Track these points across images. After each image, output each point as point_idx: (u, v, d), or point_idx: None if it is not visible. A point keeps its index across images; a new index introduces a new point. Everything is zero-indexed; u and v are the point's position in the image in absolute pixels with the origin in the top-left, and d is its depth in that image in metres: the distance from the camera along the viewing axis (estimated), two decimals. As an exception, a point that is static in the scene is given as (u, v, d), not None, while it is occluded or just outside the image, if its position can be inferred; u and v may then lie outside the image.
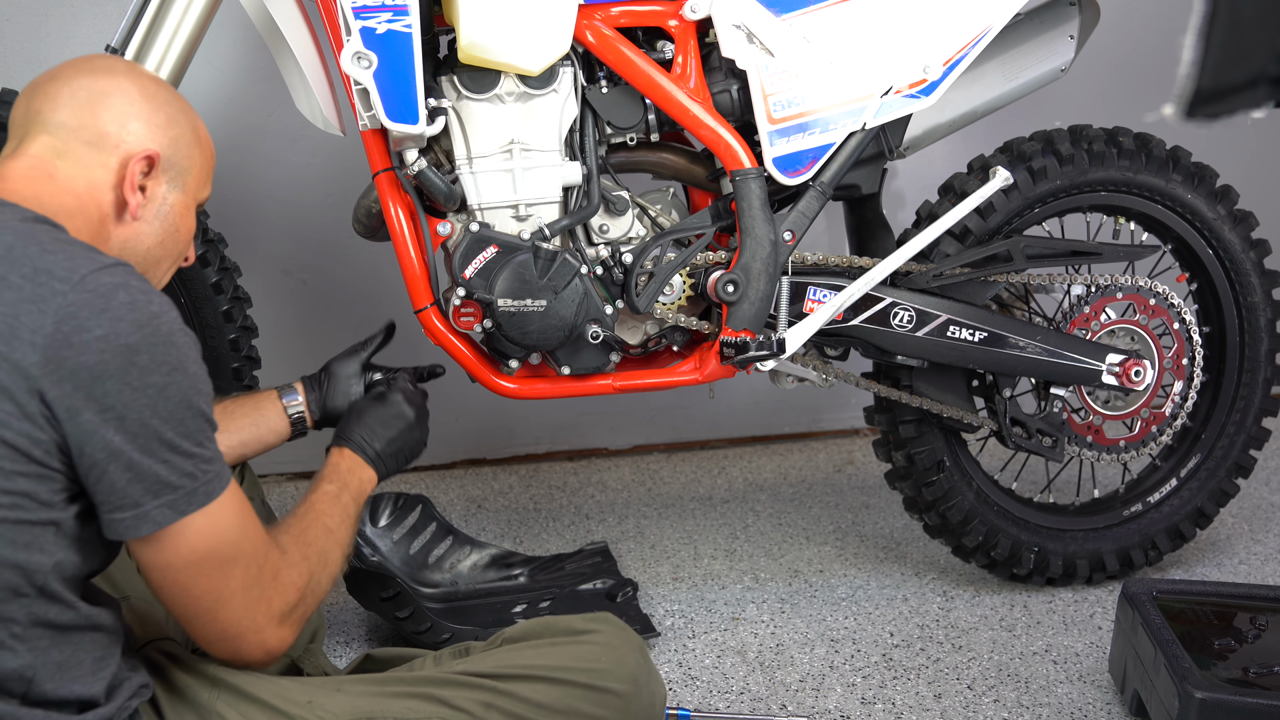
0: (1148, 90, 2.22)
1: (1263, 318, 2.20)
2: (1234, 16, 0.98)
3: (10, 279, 1.12)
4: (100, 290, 1.13)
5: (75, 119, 1.28)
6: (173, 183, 1.35)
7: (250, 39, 2.47)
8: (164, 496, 1.16)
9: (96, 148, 1.28)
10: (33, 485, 1.12)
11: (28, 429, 1.11)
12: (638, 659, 1.47)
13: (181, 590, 1.21)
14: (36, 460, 1.12)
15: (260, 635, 1.27)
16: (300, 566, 1.33)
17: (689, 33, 1.92)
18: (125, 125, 1.30)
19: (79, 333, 1.11)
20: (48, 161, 1.26)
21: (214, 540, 1.20)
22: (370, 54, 1.73)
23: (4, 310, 1.11)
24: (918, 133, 2.07)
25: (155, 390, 1.14)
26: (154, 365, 1.14)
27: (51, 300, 1.11)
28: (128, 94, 1.31)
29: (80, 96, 1.29)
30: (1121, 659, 1.86)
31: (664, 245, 1.96)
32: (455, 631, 1.97)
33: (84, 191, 1.27)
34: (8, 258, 1.13)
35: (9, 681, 1.13)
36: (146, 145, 1.31)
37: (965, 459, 2.18)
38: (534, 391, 1.99)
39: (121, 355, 1.12)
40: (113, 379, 1.12)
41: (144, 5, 1.83)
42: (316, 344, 2.72)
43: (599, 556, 2.29)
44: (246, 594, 1.24)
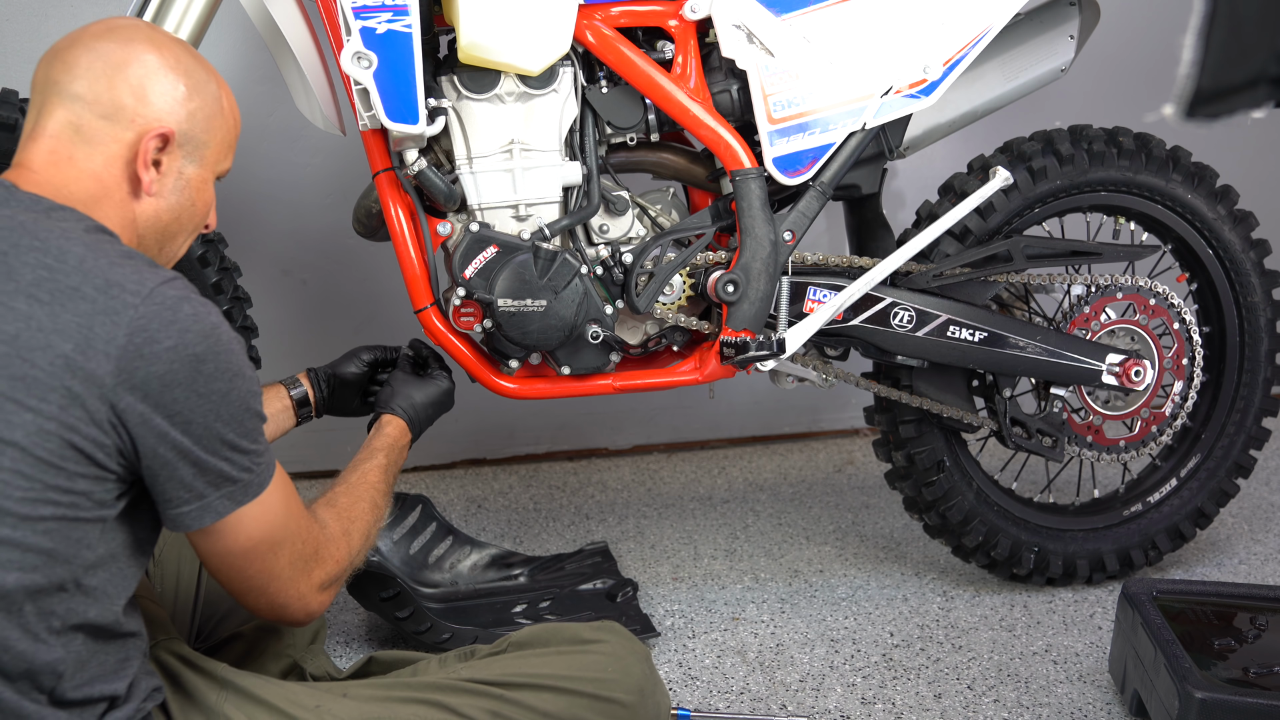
0: (1148, 90, 2.22)
1: (1263, 318, 2.20)
2: (1234, 16, 0.98)
3: (84, 290, 1.16)
4: (167, 303, 1.18)
5: (91, 90, 1.27)
6: (190, 156, 1.34)
7: (250, 39, 2.47)
8: (224, 489, 1.23)
9: (112, 120, 1.28)
10: (91, 485, 1.17)
11: (95, 434, 1.15)
12: (644, 669, 1.47)
13: (238, 572, 1.29)
14: (98, 463, 1.16)
15: (304, 602, 1.36)
16: (340, 542, 1.41)
17: (689, 33, 1.92)
18: (142, 97, 1.29)
19: (150, 344, 1.16)
20: (66, 143, 1.27)
21: (267, 526, 1.28)
22: (370, 54, 1.73)
23: (80, 321, 1.15)
24: (918, 133, 2.07)
25: (219, 396, 1.21)
26: (218, 373, 1.20)
27: (124, 313, 1.16)
28: (146, 64, 1.30)
29: (97, 67, 1.28)
30: (1121, 659, 1.86)
31: (664, 245, 1.96)
32: (455, 631, 1.97)
33: (102, 169, 1.27)
34: (80, 269, 1.17)
35: (41, 675, 1.16)
36: (163, 120, 1.30)
37: (965, 459, 2.18)
38: (534, 391, 1.99)
39: (189, 365, 1.18)
40: (181, 387, 1.18)
41: (144, 5, 1.83)
42: (316, 344, 2.72)
43: (599, 556, 2.29)
44: (293, 569, 1.33)
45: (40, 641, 1.15)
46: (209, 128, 1.35)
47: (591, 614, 2.09)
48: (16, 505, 1.13)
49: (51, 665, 1.16)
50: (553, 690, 1.41)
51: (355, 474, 1.58)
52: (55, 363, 1.14)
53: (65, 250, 1.18)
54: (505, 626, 2.03)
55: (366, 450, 1.65)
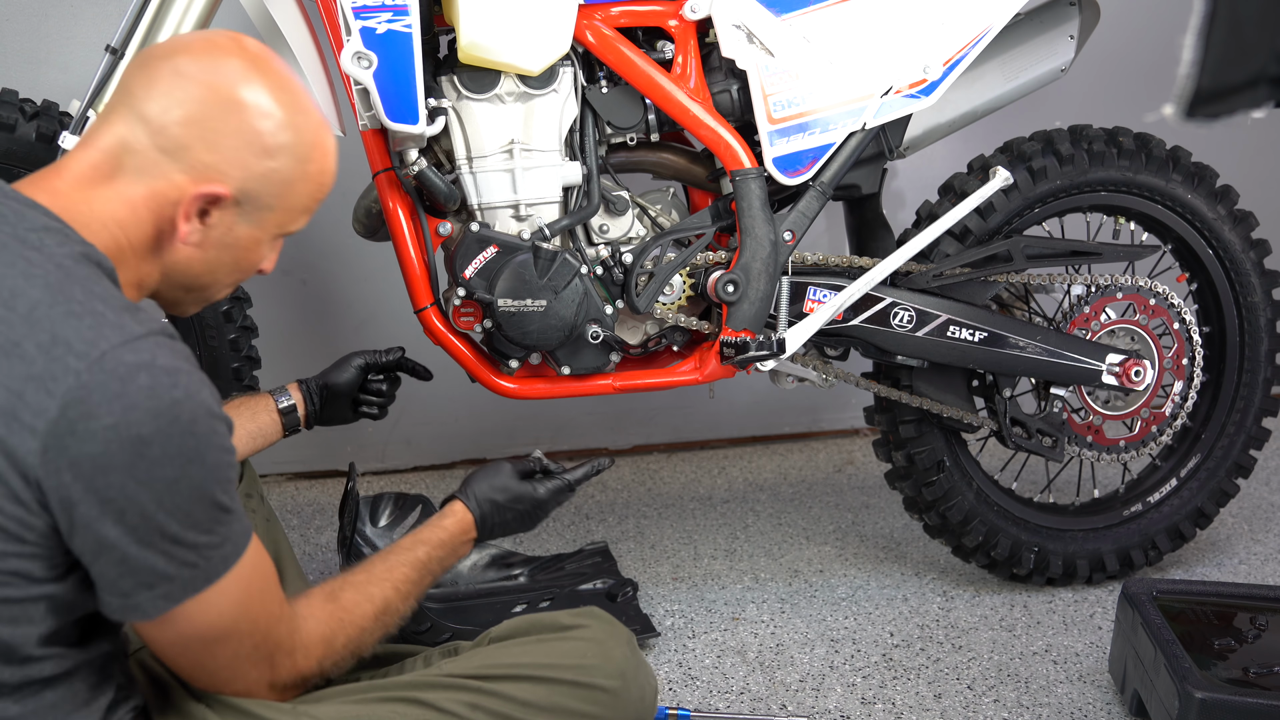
0: (1148, 90, 2.22)
1: (1263, 318, 2.20)
2: (1234, 16, 0.98)
3: (25, 348, 1.02)
4: (118, 372, 1.02)
5: (161, 116, 1.14)
6: (246, 217, 1.19)
7: (250, 39, 2.47)
8: (158, 588, 1.08)
9: (170, 157, 1.14)
10: (25, 564, 1.04)
11: (20, 514, 1.03)
12: (625, 653, 1.43)
13: (165, 656, 1.17)
14: (29, 543, 1.04)
15: (249, 693, 1.21)
16: (314, 649, 1.25)
17: (689, 33, 1.92)
18: (213, 144, 1.14)
19: (86, 419, 1.01)
20: (115, 159, 1.14)
21: (205, 624, 1.12)
22: (370, 54, 1.73)
23: (10, 385, 1.01)
24: (918, 133, 2.07)
25: (164, 484, 1.04)
26: (166, 458, 1.04)
27: (62, 380, 1.01)
28: (233, 106, 1.15)
29: (177, 93, 1.14)
30: (1121, 659, 1.86)
31: (664, 245, 1.96)
32: (455, 631, 1.97)
33: (140, 201, 1.15)
34: (28, 319, 1.03)
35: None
36: (225, 177, 1.16)
37: (965, 459, 2.18)
38: (534, 391, 1.99)
39: (130, 447, 1.02)
40: (117, 471, 1.02)
41: (144, 5, 1.83)
42: (316, 344, 2.72)
43: (599, 556, 2.29)
44: (232, 667, 1.18)
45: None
46: (281, 193, 1.20)
47: None
48: None
49: None
50: (532, 680, 1.35)
51: (384, 565, 1.38)
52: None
53: (19, 292, 1.04)
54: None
55: (413, 537, 1.45)
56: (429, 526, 1.49)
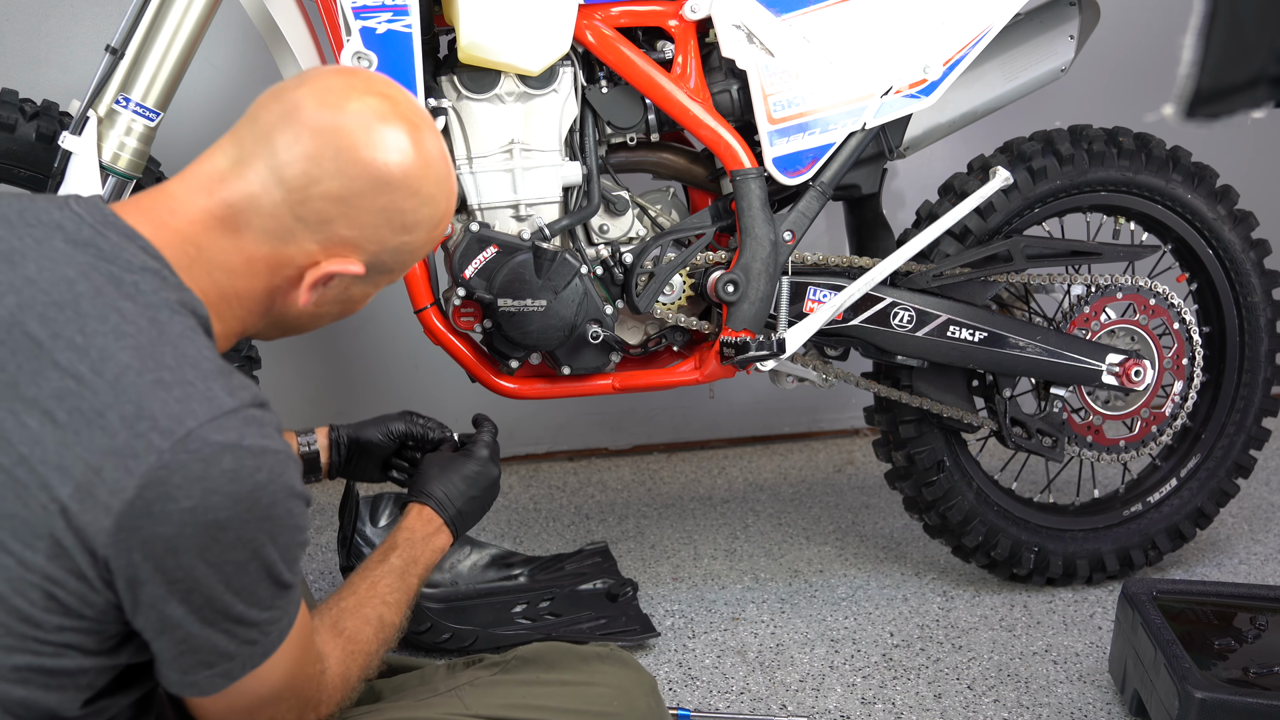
0: (1148, 90, 2.21)
1: (1263, 318, 2.20)
2: (1234, 16, 0.98)
3: (108, 418, 0.97)
4: (203, 453, 0.97)
5: (302, 179, 1.08)
6: (367, 281, 1.17)
7: (250, 39, 2.47)
8: (218, 667, 1.05)
9: (305, 225, 1.09)
10: (80, 638, 1.01)
11: (82, 590, 0.99)
12: (649, 703, 1.43)
13: None
14: (87, 618, 1.01)
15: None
16: (335, 690, 1.22)
17: (689, 33, 1.92)
18: (353, 222, 1.09)
19: (164, 501, 0.96)
20: (239, 215, 1.08)
21: (256, 695, 1.10)
22: (370, 54, 1.73)
23: (89, 460, 0.96)
24: (918, 133, 2.07)
25: (234, 566, 1.01)
26: (240, 542, 1.00)
27: (144, 458, 0.96)
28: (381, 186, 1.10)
29: (326, 157, 1.08)
30: (1121, 659, 1.86)
31: (664, 245, 1.96)
32: (455, 631, 1.97)
33: (261, 259, 1.09)
34: (114, 386, 0.97)
35: None
36: (360, 253, 1.12)
37: (965, 459, 2.18)
38: (534, 391, 1.99)
39: (205, 531, 0.98)
40: (188, 554, 0.98)
41: (144, 5, 1.83)
42: (316, 344, 2.72)
43: (599, 556, 2.29)
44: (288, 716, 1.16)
45: None
46: (406, 261, 1.17)
47: (592, 614, 2.09)
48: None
49: None
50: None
51: (366, 583, 1.34)
52: (49, 507, 0.96)
53: (108, 355, 0.98)
54: (505, 626, 2.03)
55: (381, 549, 1.41)
56: (397, 530, 1.44)
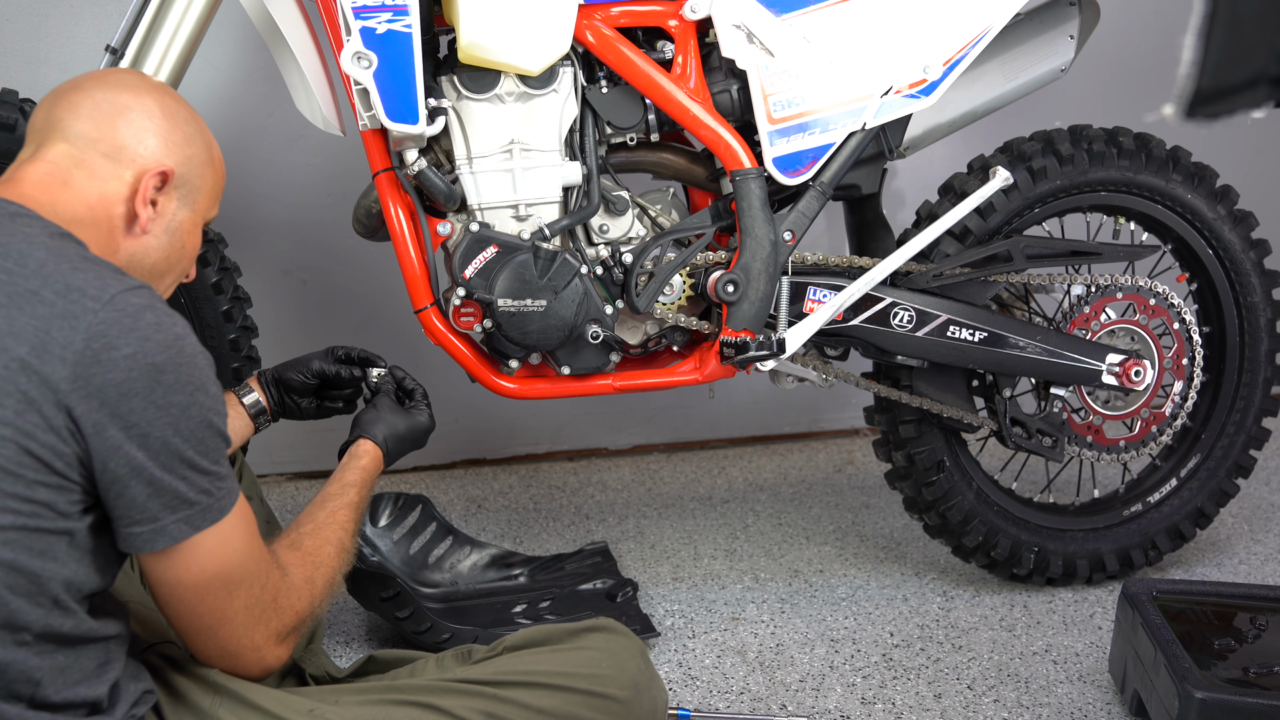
0: (1148, 90, 2.22)
1: (1263, 318, 2.20)
2: (1234, 16, 0.98)
3: (43, 294, 1.15)
4: (129, 310, 1.16)
5: (94, 130, 1.30)
6: (184, 200, 1.37)
7: (250, 39, 2.47)
8: (181, 512, 1.20)
9: (113, 160, 1.30)
10: (52, 495, 1.15)
11: (53, 441, 1.13)
12: (639, 664, 1.47)
13: (187, 608, 1.25)
14: (58, 472, 1.14)
15: (258, 653, 1.31)
16: (302, 590, 1.36)
17: (689, 33, 1.92)
18: (143, 140, 1.32)
19: (108, 350, 1.14)
20: (64, 169, 1.28)
21: (223, 559, 1.24)
22: (370, 54, 1.73)
23: (37, 325, 1.14)
24: (918, 133, 2.07)
25: (178, 410, 1.18)
26: (178, 385, 1.18)
27: (83, 318, 1.14)
28: (148, 110, 1.34)
29: (102, 109, 1.31)
30: (1121, 659, 1.86)
31: (664, 245, 1.96)
32: (455, 632, 1.97)
33: (96, 202, 1.29)
34: (40, 273, 1.16)
35: (17, 683, 1.15)
36: (162, 161, 1.33)
37: (965, 459, 2.18)
38: (534, 391, 1.99)
39: (148, 374, 1.16)
40: (138, 397, 1.15)
41: (144, 5, 1.83)
42: (316, 344, 2.71)
43: (599, 556, 2.29)
44: (248, 614, 1.28)
45: (13, 651, 1.14)
46: (202, 174, 1.38)
47: (591, 614, 2.09)
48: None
49: (26, 674, 1.15)
50: (547, 688, 1.39)
51: (323, 512, 1.49)
52: (10, 366, 1.13)
53: (26, 254, 1.18)
54: (505, 626, 2.03)
55: (338, 483, 1.55)
56: (350, 470, 1.58)
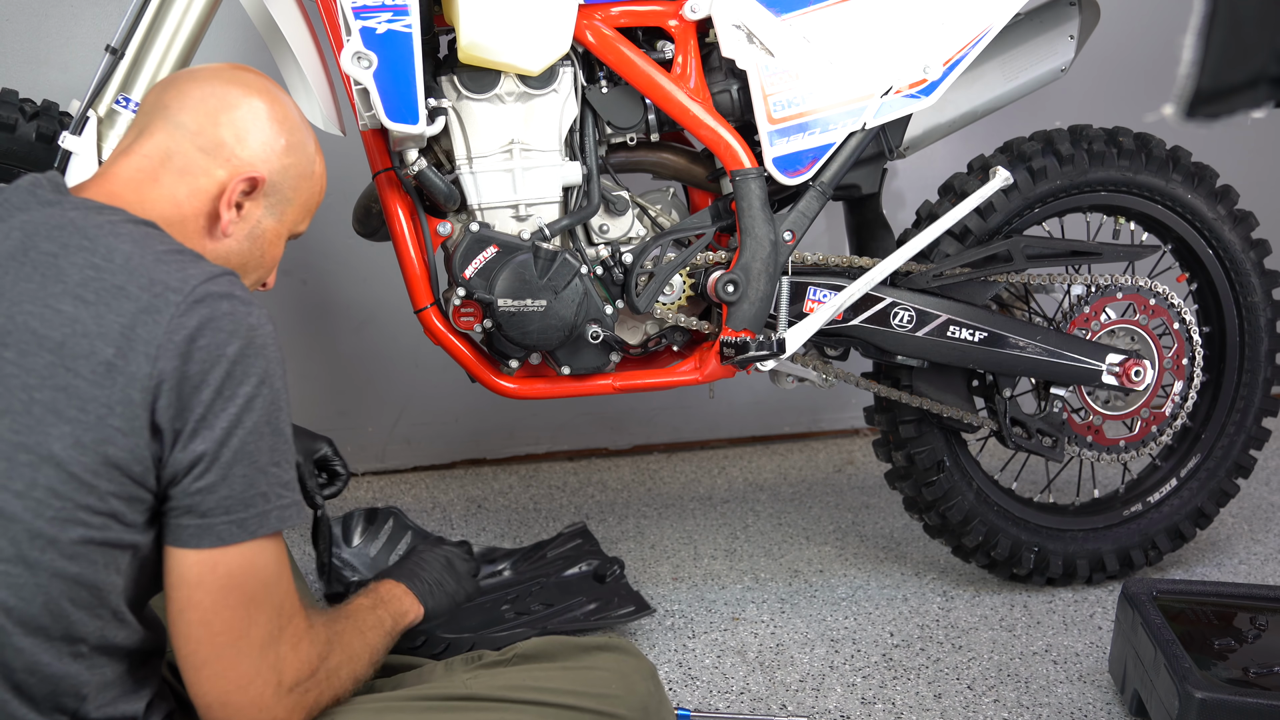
0: (1148, 90, 2.22)
1: (1263, 318, 2.20)
2: (1234, 16, 0.98)
3: (129, 289, 1.15)
4: (208, 301, 1.16)
5: (196, 122, 1.29)
6: (271, 209, 1.35)
7: (250, 39, 2.47)
8: (235, 514, 1.16)
9: (208, 155, 1.29)
10: (123, 506, 1.13)
11: (132, 445, 1.12)
12: (649, 687, 1.45)
13: (203, 617, 1.17)
14: (134, 478, 1.13)
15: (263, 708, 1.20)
16: (323, 646, 1.27)
17: (689, 33, 1.92)
18: (243, 141, 1.30)
19: (187, 343, 1.14)
20: (157, 163, 1.27)
21: (255, 574, 1.18)
22: (370, 54, 1.73)
23: (123, 322, 1.13)
24: (918, 133, 2.07)
25: (243, 401, 1.16)
26: (245, 376, 1.16)
27: (165, 311, 1.14)
28: (256, 111, 1.32)
29: (210, 103, 1.30)
30: (1121, 659, 1.86)
31: (664, 245, 1.96)
32: (451, 641, 1.94)
33: (184, 199, 1.28)
34: (126, 267, 1.16)
35: (65, 697, 1.14)
36: (256, 166, 1.31)
37: (965, 459, 2.18)
38: (534, 391, 1.99)
39: (220, 366, 1.15)
40: (209, 388, 1.14)
41: (144, 5, 1.83)
42: (316, 344, 2.72)
43: (579, 538, 2.28)
44: (263, 650, 1.19)
45: (68, 664, 1.13)
46: (297, 186, 1.36)
47: (584, 600, 2.09)
48: (47, 526, 1.10)
49: (76, 688, 1.14)
50: (556, 706, 1.37)
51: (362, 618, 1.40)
52: (97, 370, 1.12)
53: (113, 248, 1.17)
54: (499, 626, 2.02)
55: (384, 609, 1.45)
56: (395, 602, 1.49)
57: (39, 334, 1.13)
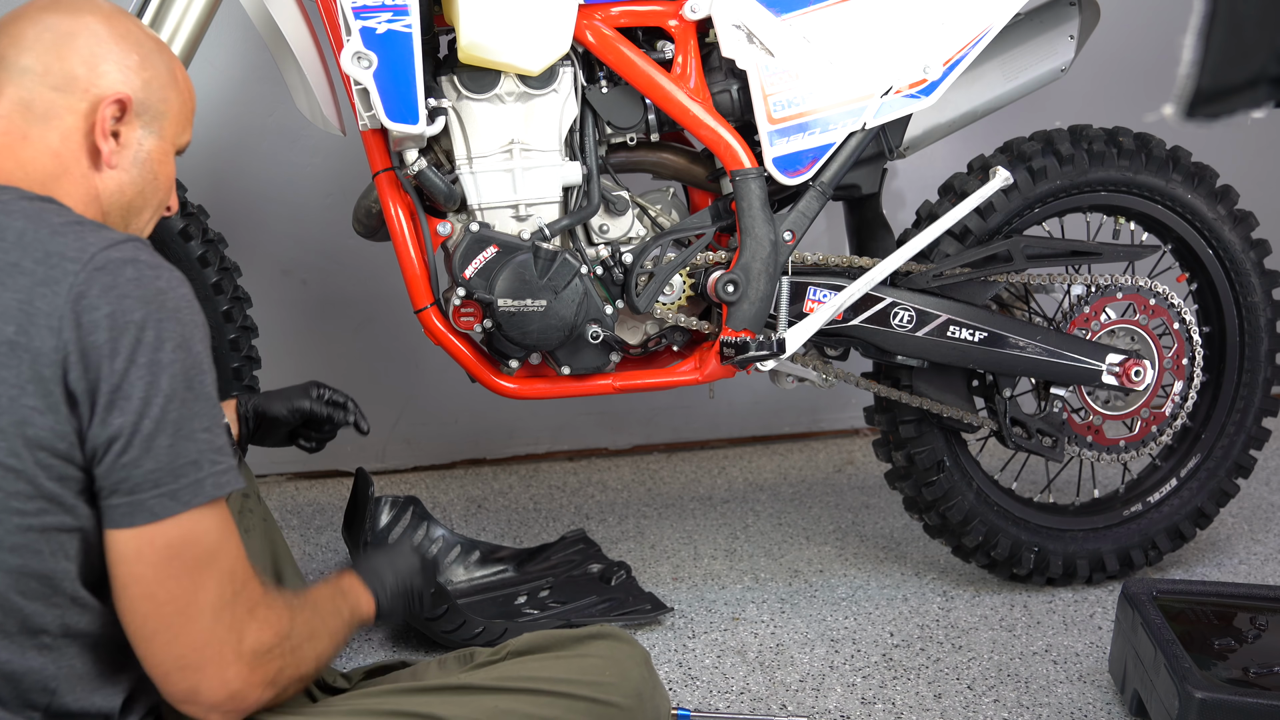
0: (1148, 90, 2.21)
1: (1263, 318, 2.20)
2: (1234, 16, 0.99)
3: (24, 265, 1.11)
4: (109, 266, 1.11)
5: (41, 63, 1.22)
6: (148, 127, 1.28)
7: (250, 39, 2.47)
8: (164, 486, 1.11)
9: (65, 92, 1.22)
10: (56, 487, 1.10)
11: (51, 422, 1.09)
12: (642, 673, 1.45)
13: (146, 592, 1.13)
14: (61, 455, 1.09)
15: (223, 669, 1.14)
16: (283, 614, 1.22)
17: (689, 33, 1.92)
18: (95, 67, 1.23)
19: (89, 311, 1.09)
20: (19, 121, 1.21)
21: (195, 541, 1.13)
22: (370, 54, 1.73)
23: (20, 298, 1.09)
24: (918, 133, 2.07)
25: (159, 368, 1.11)
26: (158, 342, 1.11)
27: (63, 281, 1.10)
28: (96, 34, 1.24)
29: (46, 38, 1.22)
30: (1121, 659, 1.86)
31: (664, 245, 1.96)
32: (486, 626, 1.93)
33: (59, 146, 1.22)
34: (19, 243, 1.12)
35: (33, 692, 1.12)
36: (117, 88, 1.24)
37: (965, 459, 2.18)
38: (534, 391, 1.99)
39: (129, 332, 1.10)
40: (120, 357, 1.09)
41: (144, 5, 1.83)
42: (316, 344, 2.72)
43: (581, 543, 2.30)
44: (216, 615, 1.14)
45: (32, 658, 1.11)
46: (165, 98, 1.30)
47: (595, 598, 2.10)
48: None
49: (43, 682, 1.12)
50: (550, 694, 1.38)
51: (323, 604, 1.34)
52: (0, 351, 1.08)
53: (5, 226, 1.13)
54: (511, 619, 2.03)
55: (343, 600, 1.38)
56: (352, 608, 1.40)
57: None
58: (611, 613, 2.07)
